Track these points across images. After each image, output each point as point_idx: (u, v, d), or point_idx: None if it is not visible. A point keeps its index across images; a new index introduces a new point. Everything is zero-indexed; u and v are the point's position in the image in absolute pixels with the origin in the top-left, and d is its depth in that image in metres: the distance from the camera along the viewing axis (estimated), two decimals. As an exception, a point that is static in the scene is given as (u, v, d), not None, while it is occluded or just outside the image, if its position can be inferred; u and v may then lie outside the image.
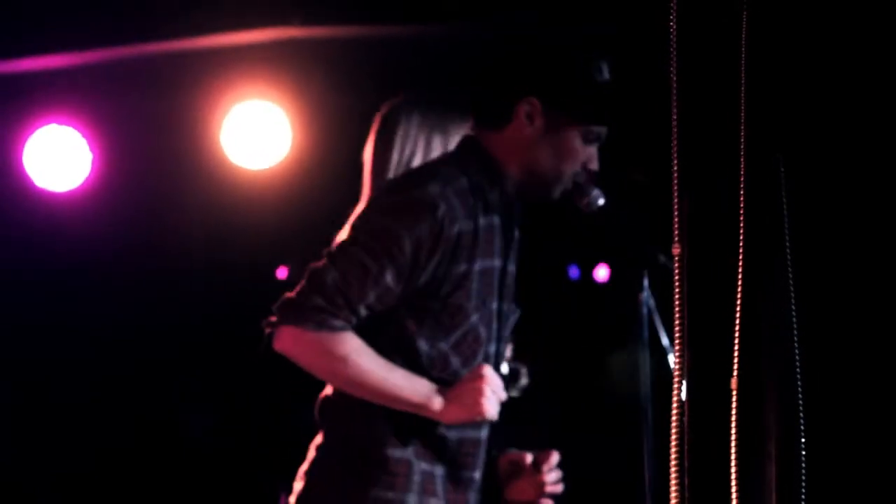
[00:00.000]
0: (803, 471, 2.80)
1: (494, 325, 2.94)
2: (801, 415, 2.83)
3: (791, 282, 2.84)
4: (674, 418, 2.80)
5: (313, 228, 6.61)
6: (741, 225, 2.72)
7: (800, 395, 2.81)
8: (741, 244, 2.73)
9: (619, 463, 4.48)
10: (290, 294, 2.83)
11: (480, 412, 2.86)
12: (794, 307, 2.82)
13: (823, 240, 3.44)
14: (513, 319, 3.08)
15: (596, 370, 4.72)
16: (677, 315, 2.77)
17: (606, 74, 2.94)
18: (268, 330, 2.86)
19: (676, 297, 2.77)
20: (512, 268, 3.05)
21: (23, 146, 5.46)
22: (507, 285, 2.99)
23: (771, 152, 2.79)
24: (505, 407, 3.11)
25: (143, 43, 5.27)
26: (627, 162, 4.69)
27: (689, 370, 2.78)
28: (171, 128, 5.64)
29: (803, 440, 2.82)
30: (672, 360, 3.70)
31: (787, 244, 2.81)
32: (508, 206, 2.97)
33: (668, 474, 2.81)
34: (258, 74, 5.48)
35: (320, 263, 2.84)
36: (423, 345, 2.86)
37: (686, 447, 2.76)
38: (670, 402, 2.94)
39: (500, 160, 2.91)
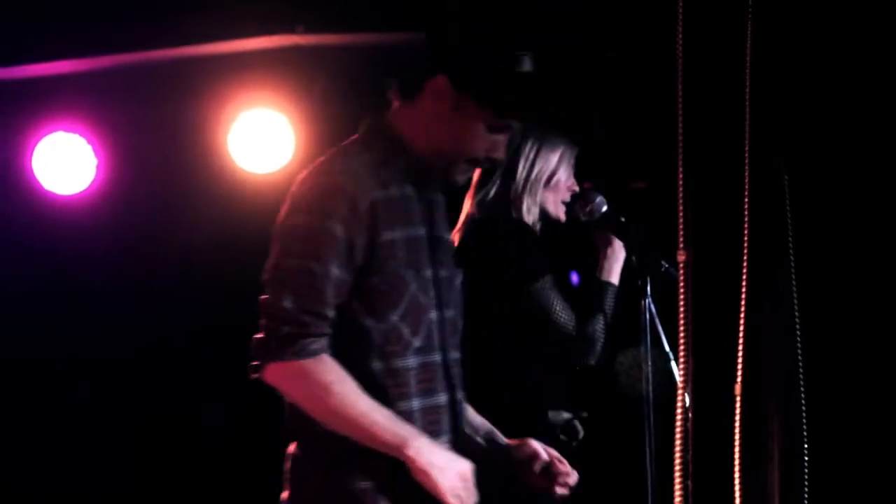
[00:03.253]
0: (806, 475, 2.82)
1: (433, 293, 2.95)
2: (804, 420, 2.86)
3: (794, 288, 2.86)
4: (678, 423, 2.81)
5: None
6: (745, 232, 2.74)
7: (803, 401, 2.83)
8: (745, 251, 2.75)
9: (621, 468, 4.49)
10: (258, 334, 2.84)
11: (443, 497, 2.84)
12: (797, 313, 2.84)
13: (827, 246, 3.46)
14: (457, 284, 3.07)
15: (598, 375, 4.74)
16: (682, 321, 2.79)
17: (527, 67, 2.93)
18: (253, 375, 2.87)
19: (681, 303, 2.78)
20: (444, 235, 3.05)
21: (31, 151, 5.51)
22: (442, 252, 2.99)
23: (775, 159, 2.81)
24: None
25: (148, 50, 5.29)
26: (629, 170, 4.71)
27: (693, 376, 2.80)
28: (174, 133, 5.65)
29: (806, 445, 2.85)
30: (674, 365, 3.71)
31: (791, 250, 2.83)
32: (421, 176, 2.97)
33: (672, 479, 2.83)
34: (262, 81, 5.49)
35: (269, 292, 2.81)
36: (371, 322, 2.86)
37: (690, 452, 2.77)
38: (673, 408, 2.95)
39: (405, 134, 2.93)
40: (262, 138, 5.44)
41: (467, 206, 3.88)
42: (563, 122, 3.83)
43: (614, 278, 3.78)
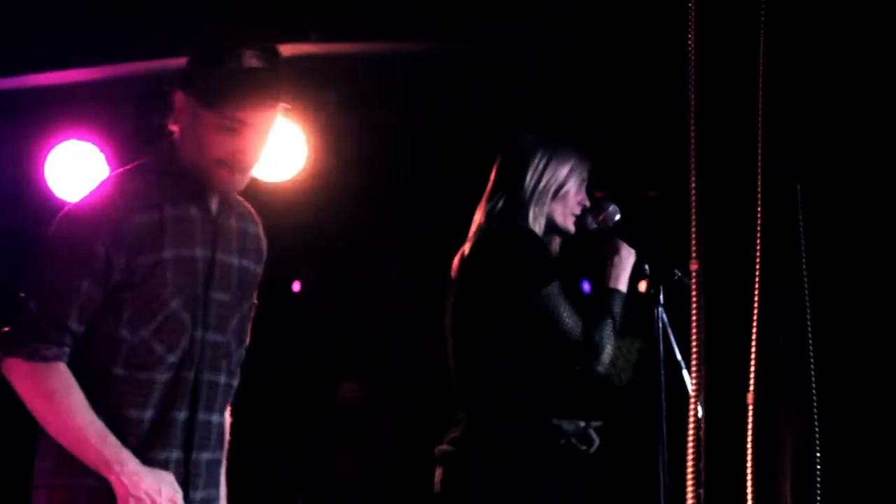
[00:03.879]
0: (819, 485, 2.81)
1: (201, 313, 2.98)
2: (817, 429, 2.85)
3: (807, 297, 2.85)
4: (690, 432, 2.81)
5: (327, 241, 6.65)
6: (758, 240, 2.74)
7: (815, 409, 2.83)
8: (758, 260, 2.74)
9: (633, 479, 4.49)
10: (6, 326, 2.92)
11: None
12: (810, 322, 2.84)
13: (840, 254, 3.45)
14: (241, 310, 3.09)
15: (610, 383, 4.75)
16: (694, 330, 2.79)
17: (249, 62, 2.96)
18: None
19: (693, 312, 2.78)
20: (232, 260, 3.08)
21: (44, 159, 5.53)
22: (223, 275, 3.02)
23: (787, 168, 2.81)
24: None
25: (161, 59, 5.31)
26: (641, 178, 4.71)
27: (705, 384, 2.80)
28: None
29: (819, 454, 2.84)
30: (686, 374, 3.71)
31: (804, 259, 2.82)
32: (198, 193, 3.02)
33: (684, 489, 2.82)
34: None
35: (24, 291, 2.89)
36: (124, 334, 2.91)
37: (703, 460, 2.77)
38: (685, 417, 2.95)
39: (179, 155, 3.00)
40: (274, 147, 5.46)
41: (478, 217, 3.90)
42: (564, 124, 3.85)
43: (622, 285, 3.80)
